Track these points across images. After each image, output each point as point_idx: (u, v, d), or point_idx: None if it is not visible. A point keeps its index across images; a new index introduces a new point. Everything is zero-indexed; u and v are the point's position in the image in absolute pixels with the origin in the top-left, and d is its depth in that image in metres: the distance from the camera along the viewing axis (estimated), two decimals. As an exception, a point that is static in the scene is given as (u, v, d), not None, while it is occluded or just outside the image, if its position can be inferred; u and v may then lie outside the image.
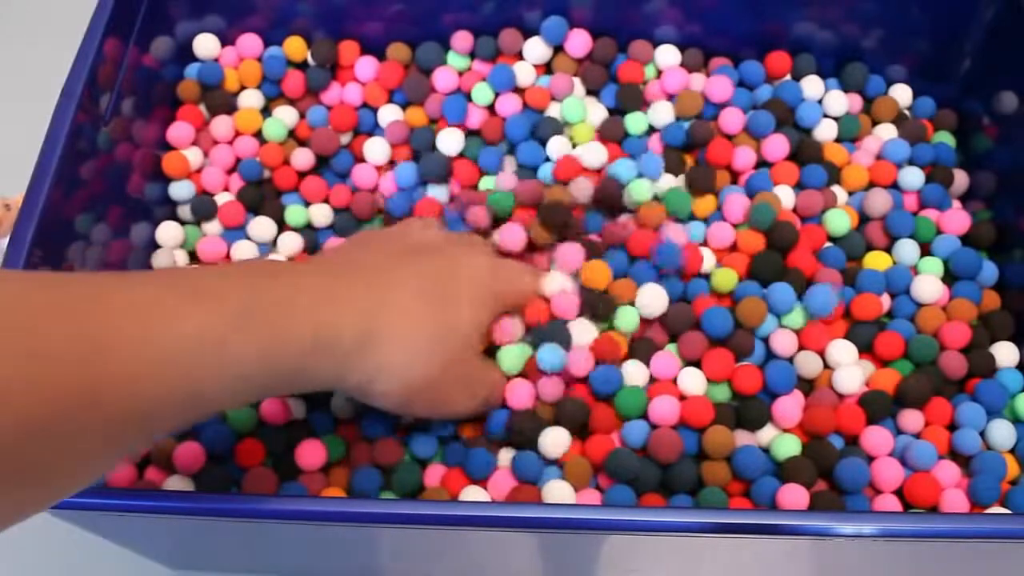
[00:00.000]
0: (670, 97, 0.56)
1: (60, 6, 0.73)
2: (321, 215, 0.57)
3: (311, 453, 0.45)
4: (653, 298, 0.48)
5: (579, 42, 0.57)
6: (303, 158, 0.57)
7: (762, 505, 0.45)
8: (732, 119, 0.55)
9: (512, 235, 0.49)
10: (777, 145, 0.55)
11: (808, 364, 0.48)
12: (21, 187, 0.61)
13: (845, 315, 0.50)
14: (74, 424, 0.29)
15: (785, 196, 0.53)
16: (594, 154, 0.54)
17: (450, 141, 0.56)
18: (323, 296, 0.38)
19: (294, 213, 0.56)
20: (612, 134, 0.56)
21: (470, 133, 0.58)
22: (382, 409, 0.42)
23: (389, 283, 0.41)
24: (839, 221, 0.52)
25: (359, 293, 0.39)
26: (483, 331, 0.44)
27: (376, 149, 0.57)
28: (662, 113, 0.56)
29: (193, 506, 0.38)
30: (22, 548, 0.54)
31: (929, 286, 0.50)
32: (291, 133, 0.59)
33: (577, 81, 0.58)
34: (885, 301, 0.50)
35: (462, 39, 0.58)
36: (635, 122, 0.56)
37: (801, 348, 0.48)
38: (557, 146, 0.55)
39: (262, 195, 0.57)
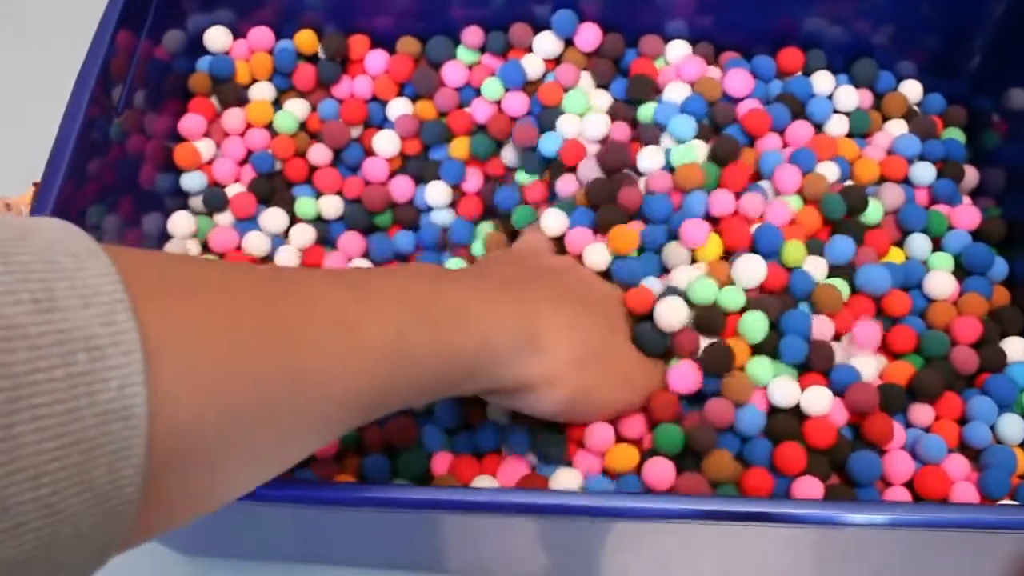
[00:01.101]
0: (690, 85, 0.56)
1: (65, 5, 0.74)
2: (332, 207, 0.57)
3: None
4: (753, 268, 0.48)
5: (589, 36, 0.57)
6: (319, 153, 0.58)
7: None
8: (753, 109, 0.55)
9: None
10: (801, 131, 0.54)
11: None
12: (21, 187, 0.62)
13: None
14: (265, 420, 0.29)
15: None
16: (596, 126, 0.54)
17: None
18: (485, 306, 0.39)
19: (304, 205, 0.57)
20: (622, 117, 0.56)
21: (478, 128, 0.58)
22: (538, 416, 0.43)
23: (541, 296, 0.42)
24: (873, 214, 0.52)
25: (516, 305, 0.40)
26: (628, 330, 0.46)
27: (385, 142, 0.57)
28: (678, 95, 0.55)
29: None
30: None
31: (942, 282, 0.50)
32: (302, 126, 0.59)
33: (586, 75, 0.58)
34: (901, 296, 0.50)
35: (472, 34, 0.58)
36: (647, 112, 0.56)
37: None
38: (562, 129, 0.55)
39: (273, 187, 0.57)
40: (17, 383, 0.21)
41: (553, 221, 0.50)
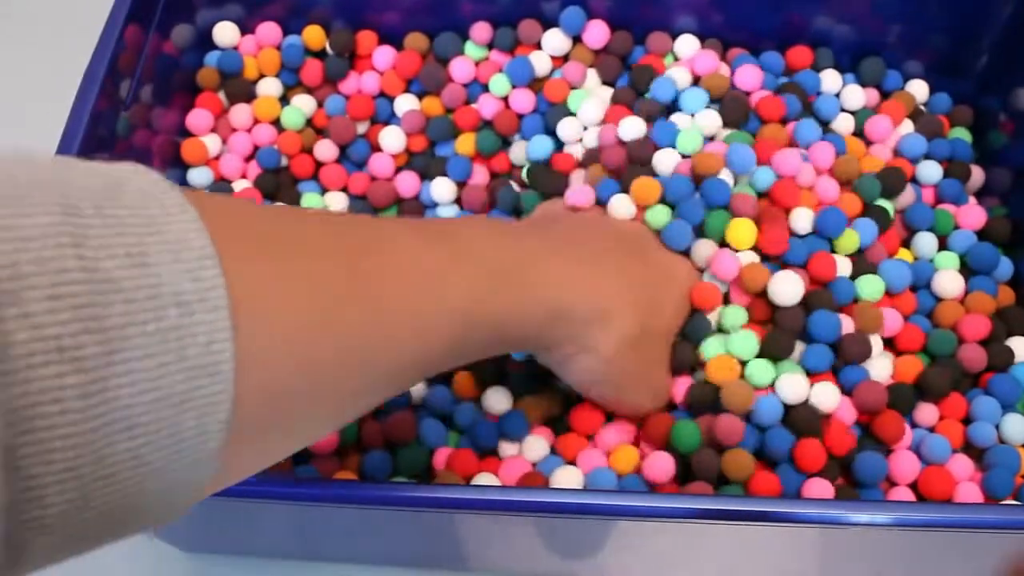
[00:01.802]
0: (696, 79, 0.56)
1: (65, 6, 0.74)
2: (337, 203, 0.57)
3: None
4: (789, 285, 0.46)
5: (597, 33, 0.57)
6: (325, 149, 0.58)
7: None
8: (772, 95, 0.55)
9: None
10: (808, 129, 0.54)
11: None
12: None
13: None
14: (345, 379, 0.29)
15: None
16: (591, 111, 0.54)
17: None
18: (562, 272, 0.40)
19: (310, 201, 0.57)
20: (625, 101, 0.56)
21: (485, 124, 0.58)
22: (567, 380, 0.43)
23: (606, 272, 0.42)
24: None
25: (591, 276, 0.41)
26: (681, 320, 0.46)
27: (392, 138, 0.57)
28: (682, 78, 0.55)
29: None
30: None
31: (950, 281, 0.50)
32: (309, 122, 0.59)
33: (592, 72, 0.58)
34: (909, 295, 0.50)
35: (481, 30, 0.58)
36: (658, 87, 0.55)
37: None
38: (566, 131, 0.55)
39: (279, 182, 0.57)
40: (112, 336, 0.21)
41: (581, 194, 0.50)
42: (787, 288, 0.46)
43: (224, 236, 0.25)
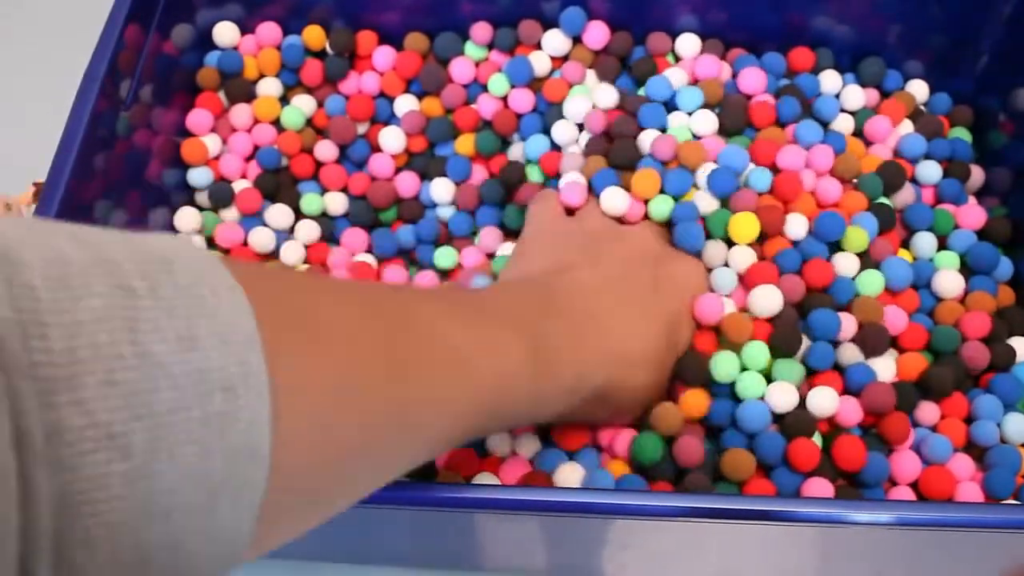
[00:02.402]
0: (695, 80, 0.56)
1: (64, 7, 0.74)
2: (336, 203, 0.57)
3: None
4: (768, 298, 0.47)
5: (597, 33, 0.57)
6: (325, 150, 0.58)
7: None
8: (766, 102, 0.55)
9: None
10: (809, 130, 0.54)
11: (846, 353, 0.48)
12: (21, 187, 0.62)
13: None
14: (371, 459, 0.30)
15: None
16: (577, 105, 0.54)
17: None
18: (581, 341, 0.40)
19: (309, 201, 0.57)
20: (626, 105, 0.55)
21: (484, 125, 0.58)
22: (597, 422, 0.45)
23: (628, 331, 0.42)
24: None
25: (604, 337, 0.41)
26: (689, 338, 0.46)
27: (392, 138, 0.57)
28: (678, 78, 0.55)
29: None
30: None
31: (950, 280, 0.50)
32: (309, 121, 0.59)
33: (591, 73, 0.58)
34: (912, 293, 0.50)
35: (481, 29, 0.58)
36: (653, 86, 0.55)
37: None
38: (560, 134, 0.55)
39: (279, 182, 0.57)
40: (159, 423, 0.21)
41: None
42: (766, 301, 0.46)
43: (267, 318, 0.25)
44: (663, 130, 0.52)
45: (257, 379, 0.24)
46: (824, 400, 0.45)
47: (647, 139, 0.51)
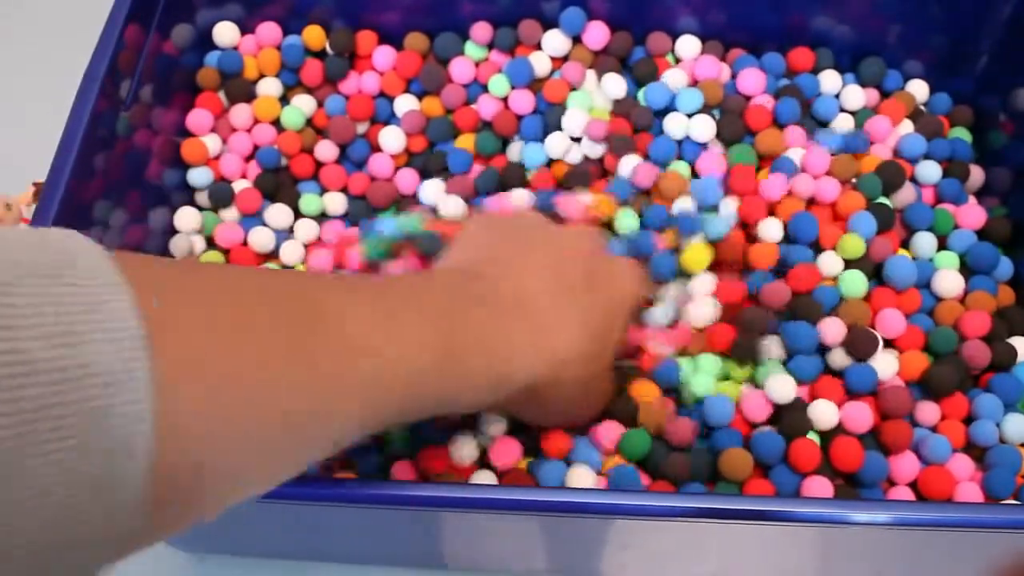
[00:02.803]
0: (695, 81, 0.56)
1: (64, 7, 0.74)
2: (336, 203, 0.57)
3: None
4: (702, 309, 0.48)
5: (597, 34, 0.57)
6: (326, 150, 0.58)
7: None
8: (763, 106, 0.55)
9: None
10: (797, 135, 0.55)
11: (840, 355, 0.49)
12: (21, 187, 0.62)
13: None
14: (276, 451, 0.30)
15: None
16: (575, 118, 0.55)
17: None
18: (503, 338, 0.39)
19: (309, 201, 0.57)
20: (626, 111, 0.56)
21: (484, 125, 0.58)
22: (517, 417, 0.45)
23: (558, 325, 0.41)
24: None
25: (530, 333, 0.40)
26: (622, 340, 0.45)
27: (392, 138, 0.57)
28: (678, 80, 0.55)
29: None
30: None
31: (950, 280, 0.50)
32: (309, 121, 0.59)
33: (591, 73, 0.58)
34: (913, 293, 0.50)
35: (481, 29, 0.58)
36: (652, 92, 0.56)
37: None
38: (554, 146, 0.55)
39: (279, 182, 0.57)
40: (25, 419, 0.21)
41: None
42: (701, 312, 0.48)
43: (154, 312, 0.25)
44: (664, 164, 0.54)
45: (139, 375, 0.23)
46: (824, 413, 0.46)
47: (628, 165, 0.53)
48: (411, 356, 0.34)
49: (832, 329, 0.48)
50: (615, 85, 0.55)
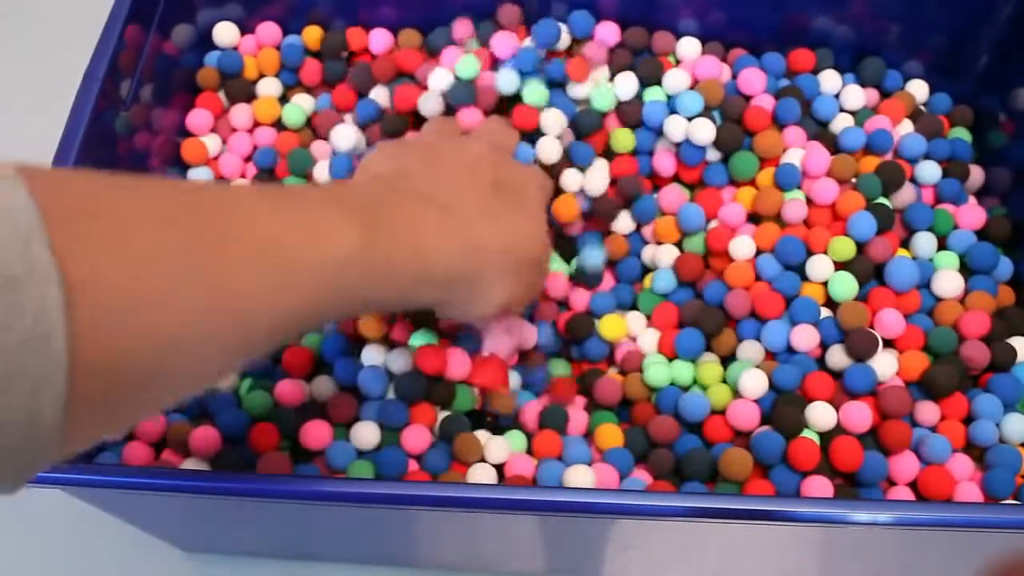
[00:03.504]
0: (696, 81, 0.56)
1: (64, 7, 0.74)
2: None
3: (317, 434, 0.46)
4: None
5: (607, 32, 0.57)
6: (323, 150, 0.57)
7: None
8: (764, 105, 0.55)
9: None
10: (797, 135, 0.55)
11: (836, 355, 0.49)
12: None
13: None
14: (193, 348, 0.29)
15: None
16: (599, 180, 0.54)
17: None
18: (425, 227, 0.39)
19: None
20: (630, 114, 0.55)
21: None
22: (453, 318, 0.45)
23: (470, 217, 0.41)
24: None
25: (451, 224, 0.40)
26: (545, 235, 0.46)
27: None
28: (680, 83, 0.55)
29: (204, 484, 0.39)
30: (38, 529, 0.55)
31: (950, 281, 0.50)
32: (307, 121, 0.59)
33: (604, 68, 0.57)
34: (914, 293, 0.50)
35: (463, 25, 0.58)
36: (654, 94, 0.55)
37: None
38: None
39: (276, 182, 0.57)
40: None
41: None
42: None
43: (56, 211, 0.25)
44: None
45: (43, 270, 0.23)
46: (823, 416, 0.46)
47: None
48: (328, 247, 0.34)
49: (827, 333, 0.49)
50: (627, 84, 0.55)
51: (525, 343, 0.50)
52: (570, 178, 0.52)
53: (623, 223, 0.54)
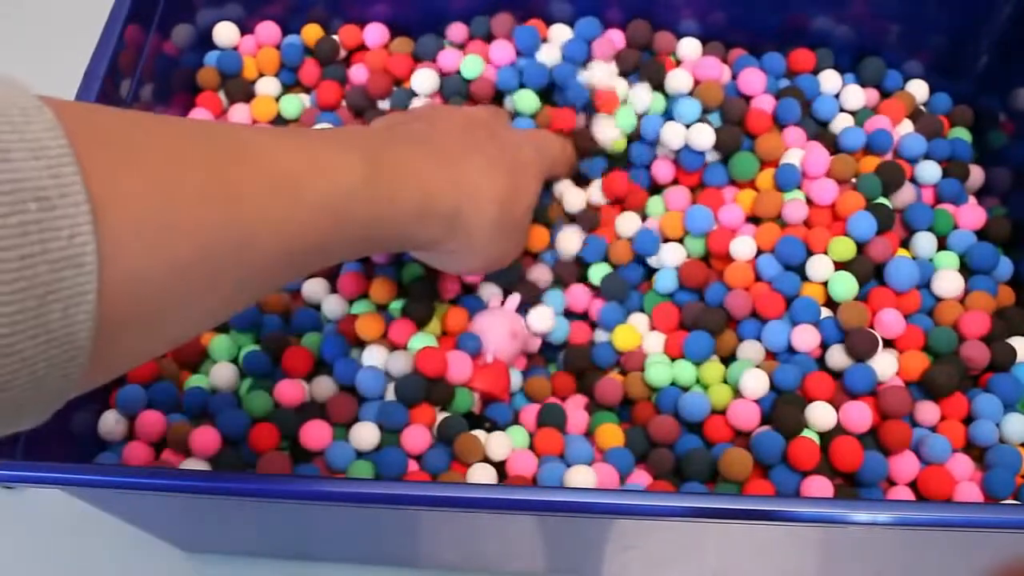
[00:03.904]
0: (697, 82, 0.56)
1: (63, 7, 0.74)
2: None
3: (316, 434, 0.46)
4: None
5: (613, 39, 0.57)
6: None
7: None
8: (764, 106, 0.55)
9: None
10: (797, 135, 0.55)
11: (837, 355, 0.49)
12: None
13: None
14: (210, 276, 0.30)
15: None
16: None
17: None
18: (419, 167, 0.40)
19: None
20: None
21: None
22: (439, 268, 0.47)
23: (465, 161, 0.43)
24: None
25: (448, 166, 0.42)
26: (536, 195, 0.47)
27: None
28: (682, 84, 0.55)
29: (204, 484, 0.39)
30: (38, 529, 0.55)
31: (950, 281, 0.50)
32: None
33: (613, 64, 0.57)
34: (913, 293, 0.50)
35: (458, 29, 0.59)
36: (657, 100, 0.56)
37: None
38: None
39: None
40: None
41: None
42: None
43: (84, 139, 0.26)
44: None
45: (73, 189, 0.24)
46: (823, 417, 0.46)
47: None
48: (334, 178, 0.35)
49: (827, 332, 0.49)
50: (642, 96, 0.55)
51: (530, 348, 0.50)
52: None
53: (626, 225, 0.54)
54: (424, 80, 0.56)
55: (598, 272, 0.52)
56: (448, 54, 0.58)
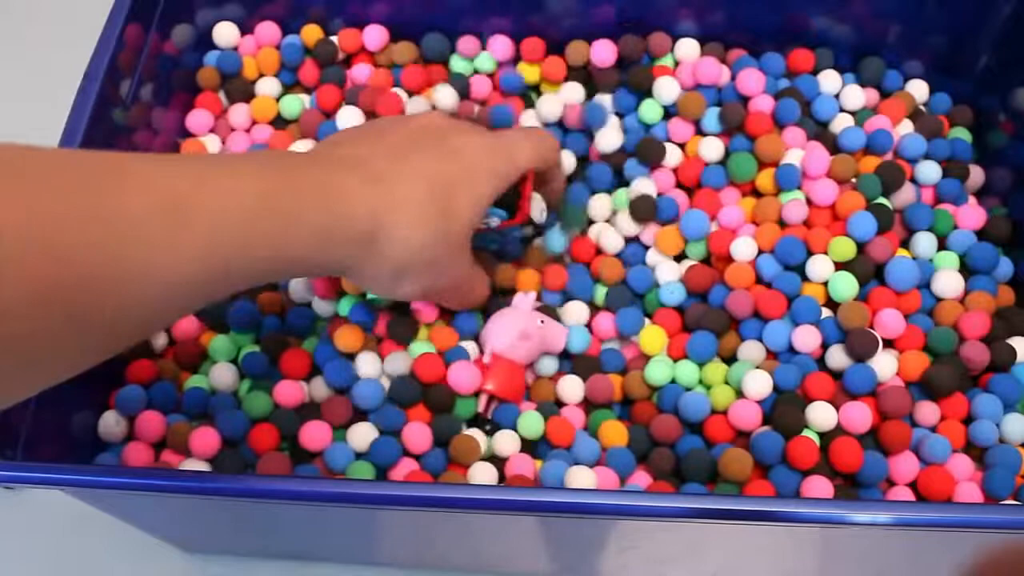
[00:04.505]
0: (697, 85, 0.56)
1: (63, 7, 0.74)
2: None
3: (316, 435, 0.46)
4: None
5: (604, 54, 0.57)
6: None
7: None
8: (763, 106, 0.55)
9: None
10: (797, 136, 0.55)
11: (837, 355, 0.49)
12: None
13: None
14: (90, 305, 0.29)
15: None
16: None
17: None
18: (344, 187, 0.38)
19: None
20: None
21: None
22: (376, 293, 0.46)
23: (395, 178, 0.40)
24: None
25: (367, 189, 0.39)
26: (481, 211, 0.44)
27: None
28: (669, 92, 0.55)
29: (204, 485, 0.39)
30: (38, 529, 0.55)
31: (950, 281, 0.50)
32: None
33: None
34: (914, 293, 0.50)
35: (467, 42, 0.59)
36: (648, 108, 0.56)
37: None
38: None
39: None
40: None
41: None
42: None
43: None
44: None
45: None
46: (824, 417, 0.46)
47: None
48: (225, 200, 0.34)
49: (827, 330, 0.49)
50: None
51: (552, 348, 0.49)
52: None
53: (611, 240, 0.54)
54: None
55: (598, 294, 0.52)
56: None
